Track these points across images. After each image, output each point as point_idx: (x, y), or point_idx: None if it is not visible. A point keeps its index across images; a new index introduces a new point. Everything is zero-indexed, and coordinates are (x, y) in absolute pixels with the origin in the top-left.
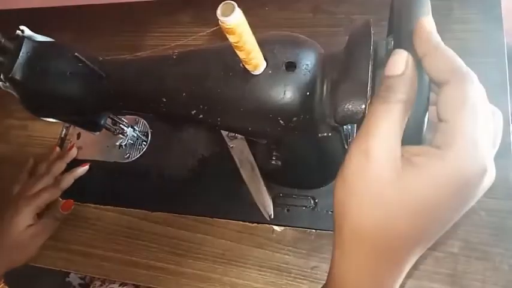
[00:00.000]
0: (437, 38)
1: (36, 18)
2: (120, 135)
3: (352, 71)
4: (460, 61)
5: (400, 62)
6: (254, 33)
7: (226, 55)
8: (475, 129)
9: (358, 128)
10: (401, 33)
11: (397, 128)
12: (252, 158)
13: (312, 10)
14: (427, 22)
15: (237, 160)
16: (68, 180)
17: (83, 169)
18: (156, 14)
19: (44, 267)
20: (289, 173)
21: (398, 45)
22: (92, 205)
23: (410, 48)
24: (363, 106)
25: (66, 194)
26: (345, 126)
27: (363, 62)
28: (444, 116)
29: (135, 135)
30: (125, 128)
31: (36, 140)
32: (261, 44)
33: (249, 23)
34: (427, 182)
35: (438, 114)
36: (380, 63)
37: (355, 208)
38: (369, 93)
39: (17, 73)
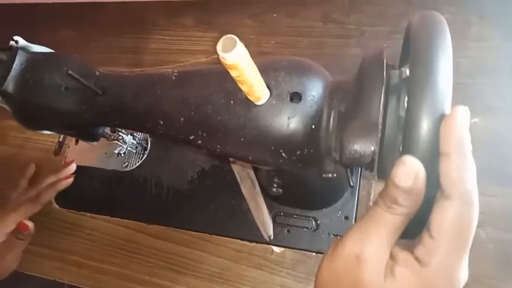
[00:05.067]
0: (466, 142)
1: (37, 14)
2: (119, 143)
3: (362, 108)
4: (473, 182)
5: (409, 175)
6: (254, 57)
7: (228, 81)
8: (458, 259)
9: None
10: (419, 71)
11: (392, 238)
12: (253, 174)
13: (321, 19)
14: (461, 114)
15: (237, 175)
16: (50, 194)
17: (66, 182)
18: (159, 16)
19: None
20: (291, 195)
21: (415, 79)
22: (88, 214)
23: (426, 96)
24: (372, 148)
25: (63, 200)
26: None
27: (374, 99)
28: (434, 231)
29: (135, 143)
30: (124, 136)
31: (34, 143)
32: (265, 70)
33: (254, 29)
34: None
35: (429, 222)
36: (392, 92)
37: None
38: (379, 133)
39: (10, 86)
